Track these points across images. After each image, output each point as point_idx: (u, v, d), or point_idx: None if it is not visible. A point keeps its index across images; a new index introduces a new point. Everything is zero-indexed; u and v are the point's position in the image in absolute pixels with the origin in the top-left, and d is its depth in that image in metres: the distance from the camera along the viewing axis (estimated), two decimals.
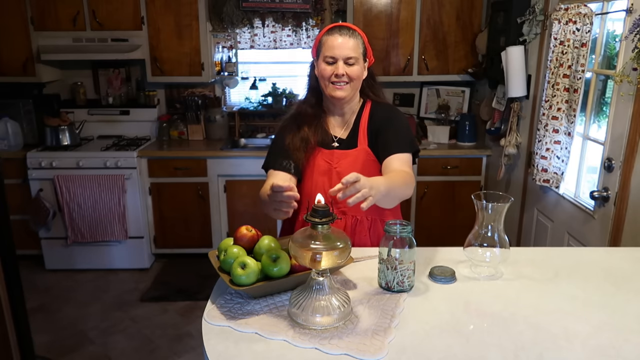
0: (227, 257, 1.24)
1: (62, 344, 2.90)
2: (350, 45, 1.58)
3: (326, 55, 1.59)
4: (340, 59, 1.57)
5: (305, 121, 1.68)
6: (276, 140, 1.74)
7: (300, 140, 1.65)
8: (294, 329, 1.09)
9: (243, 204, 3.77)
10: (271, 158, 1.70)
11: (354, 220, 1.66)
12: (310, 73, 1.72)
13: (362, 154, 1.65)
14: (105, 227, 3.64)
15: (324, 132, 1.68)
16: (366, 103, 1.72)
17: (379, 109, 1.71)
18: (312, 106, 1.70)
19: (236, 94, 4.31)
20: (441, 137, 3.90)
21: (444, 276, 1.33)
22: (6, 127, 3.68)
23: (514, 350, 1.02)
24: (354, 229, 1.66)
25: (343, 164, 1.64)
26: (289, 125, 1.71)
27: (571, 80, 2.42)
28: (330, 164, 1.66)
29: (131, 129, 4.11)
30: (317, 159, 1.67)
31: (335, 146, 1.67)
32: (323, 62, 1.60)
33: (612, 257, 1.52)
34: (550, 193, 2.75)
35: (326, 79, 1.60)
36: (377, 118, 1.68)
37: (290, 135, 1.67)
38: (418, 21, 3.69)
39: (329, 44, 1.59)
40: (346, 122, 1.71)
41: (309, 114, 1.69)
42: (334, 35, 1.59)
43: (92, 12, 3.63)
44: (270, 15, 3.94)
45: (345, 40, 1.58)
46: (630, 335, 1.09)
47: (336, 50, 1.57)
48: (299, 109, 1.73)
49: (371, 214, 1.66)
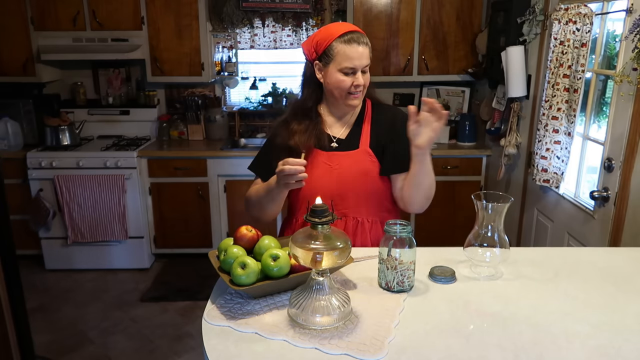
0: (227, 257, 1.24)
1: (62, 344, 2.90)
2: (367, 53, 1.54)
3: (345, 66, 1.52)
4: (360, 69, 1.54)
5: (297, 129, 1.61)
6: (266, 146, 1.72)
7: (290, 150, 1.58)
8: (294, 329, 1.09)
9: (243, 204, 3.76)
10: (259, 166, 1.72)
11: (354, 222, 1.64)
12: (306, 73, 1.64)
13: (364, 155, 1.62)
14: (105, 227, 3.64)
15: (320, 133, 1.63)
16: (366, 102, 1.69)
17: (381, 110, 1.68)
18: (306, 111, 1.64)
19: (236, 94, 4.31)
20: (441, 137, 3.90)
21: (444, 276, 1.32)
22: (6, 127, 3.68)
23: (514, 350, 1.02)
24: (355, 231, 1.64)
25: (344, 165, 1.61)
26: (280, 132, 1.65)
27: (571, 80, 2.42)
28: (330, 165, 1.62)
29: (131, 129, 4.11)
30: (316, 161, 1.62)
31: (334, 147, 1.64)
32: (339, 73, 1.53)
33: (612, 257, 1.52)
34: (550, 193, 2.75)
35: (344, 90, 1.55)
36: (382, 122, 1.65)
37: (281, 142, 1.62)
38: (418, 21, 3.69)
39: (347, 54, 1.51)
40: (346, 123, 1.67)
41: (303, 121, 1.62)
42: (352, 46, 1.51)
43: (92, 12, 3.63)
44: (270, 15, 3.94)
45: (364, 50, 1.53)
46: (630, 335, 1.09)
47: (356, 62, 1.52)
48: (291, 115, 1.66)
49: (372, 216, 1.65)
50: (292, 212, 1.74)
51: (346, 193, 1.61)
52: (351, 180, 1.61)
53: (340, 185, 1.61)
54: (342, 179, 1.61)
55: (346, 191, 1.61)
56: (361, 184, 1.61)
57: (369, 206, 1.64)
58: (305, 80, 1.65)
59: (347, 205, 1.62)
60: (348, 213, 1.63)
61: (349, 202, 1.62)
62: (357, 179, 1.61)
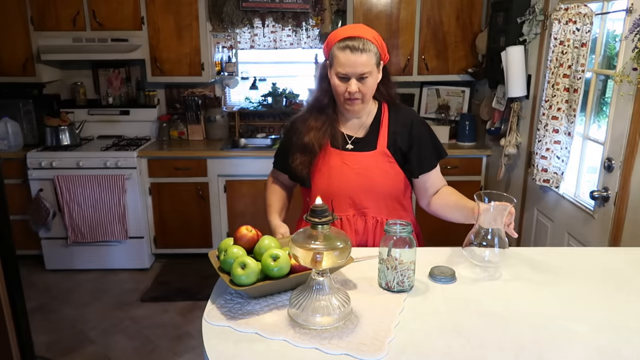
0: (227, 257, 1.24)
1: (62, 344, 2.90)
2: (362, 61, 1.48)
3: (338, 71, 1.51)
4: (353, 77, 1.51)
5: (313, 126, 1.63)
6: (282, 141, 1.80)
7: (304, 147, 1.63)
8: (294, 329, 1.09)
9: (243, 204, 3.77)
10: (276, 158, 1.81)
11: (374, 222, 1.66)
12: (321, 72, 1.63)
13: (381, 156, 1.62)
14: (105, 227, 3.64)
15: (336, 133, 1.64)
16: (382, 104, 1.68)
17: (398, 113, 1.68)
18: (322, 109, 1.64)
19: (236, 94, 4.31)
20: (441, 137, 3.85)
21: (444, 276, 1.33)
22: (6, 127, 3.68)
23: (514, 350, 1.02)
24: (374, 230, 1.66)
25: (362, 165, 1.62)
26: (297, 128, 1.67)
27: (571, 80, 2.42)
28: (349, 165, 1.62)
29: (131, 129, 4.11)
30: (332, 160, 1.63)
31: (350, 148, 1.64)
32: (335, 77, 1.53)
33: (612, 257, 1.52)
34: (550, 193, 2.75)
35: (340, 95, 1.55)
36: (399, 124, 1.65)
37: (295, 138, 1.67)
38: (418, 21, 3.69)
39: (340, 60, 1.50)
40: (362, 124, 1.67)
41: (319, 118, 1.63)
42: (345, 52, 1.49)
43: (92, 12, 3.63)
44: (270, 15, 3.94)
45: (357, 58, 1.48)
46: (630, 335, 1.09)
47: (348, 69, 1.49)
48: (309, 112, 1.68)
49: (391, 215, 1.65)
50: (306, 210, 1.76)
51: (365, 193, 1.63)
52: (368, 181, 1.62)
53: (357, 185, 1.62)
54: (361, 179, 1.62)
55: (365, 191, 1.63)
56: (379, 184, 1.63)
57: (387, 206, 1.66)
58: (321, 78, 1.64)
59: (366, 205, 1.64)
60: (367, 213, 1.65)
61: (368, 201, 1.64)
62: (375, 179, 1.62)
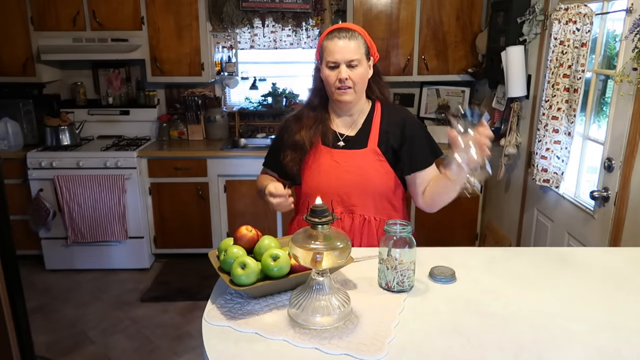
0: (227, 257, 1.24)
1: (62, 344, 2.90)
2: (351, 47, 1.56)
3: (328, 61, 1.58)
4: (342, 63, 1.56)
5: (305, 124, 1.67)
6: (274, 140, 1.81)
7: (295, 144, 1.66)
8: (294, 329, 1.09)
9: (243, 204, 3.77)
10: (267, 156, 1.83)
11: (361, 219, 1.66)
12: (314, 74, 1.71)
13: (372, 154, 1.64)
14: (105, 227, 3.64)
15: (327, 131, 1.67)
16: (375, 104, 1.72)
17: (391, 112, 1.71)
18: (314, 108, 1.70)
19: (236, 94, 4.31)
20: (441, 137, 3.90)
21: (444, 276, 1.33)
22: (6, 127, 3.68)
23: (514, 350, 1.03)
24: (361, 229, 1.66)
25: (351, 162, 1.64)
26: (289, 126, 1.72)
27: (571, 80, 2.42)
28: (338, 163, 1.65)
29: (131, 129, 4.11)
30: (323, 157, 1.66)
31: (341, 145, 1.67)
32: (326, 68, 1.60)
33: (612, 257, 1.52)
34: (550, 193, 2.75)
35: (331, 85, 1.60)
36: (391, 123, 1.67)
37: (287, 136, 1.70)
38: (418, 21, 3.69)
39: (329, 49, 1.58)
40: (354, 122, 1.70)
41: (310, 117, 1.68)
42: (333, 40, 1.58)
43: (92, 12, 3.63)
44: (270, 15, 3.94)
45: (345, 44, 1.56)
46: (630, 335, 1.09)
47: (337, 55, 1.56)
48: (301, 111, 1.73)
49: (379, 214, 1.66)
50: (297, 209, 1.76)
51: (352, 191, 1.64)
52: (358, 178, 1.63)
53: (346, 183, 1.63)
54: (349, 177, 1.63)
55: (353, 189, 1.64)
56: (368, 182, 1.63)
57: (376, 204, 1.66)
58: (313, 79, 1.72)
59: (354, 202, 1.65)
60: (355, 210, 1.65)
61: (356, 199, 1.64)
62: (364, 177, 1.63)
